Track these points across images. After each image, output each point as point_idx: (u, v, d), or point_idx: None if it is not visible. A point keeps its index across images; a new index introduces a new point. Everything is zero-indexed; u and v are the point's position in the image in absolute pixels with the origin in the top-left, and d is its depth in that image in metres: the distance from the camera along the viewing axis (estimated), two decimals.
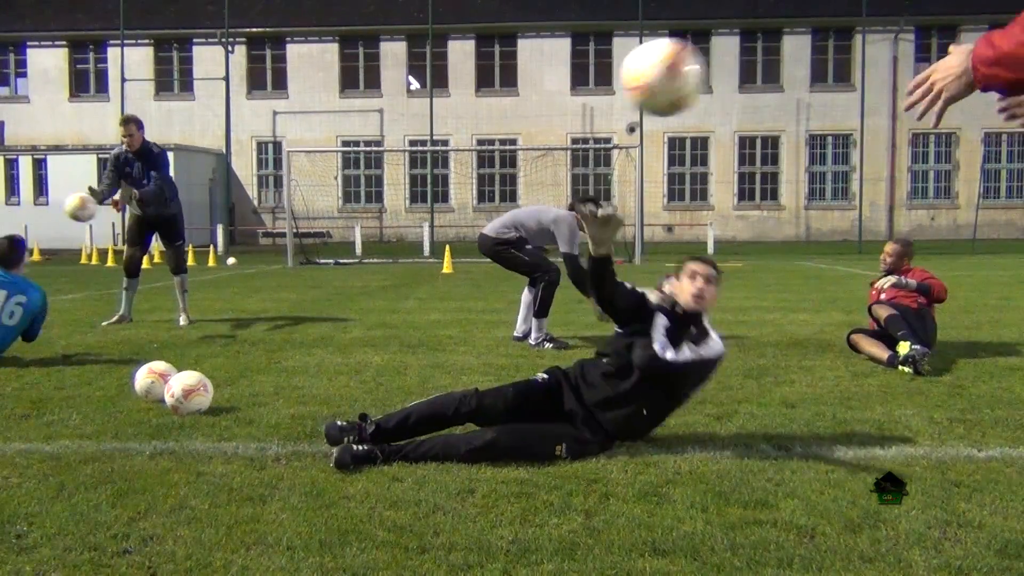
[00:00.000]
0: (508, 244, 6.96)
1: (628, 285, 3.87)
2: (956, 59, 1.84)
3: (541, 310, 6.87)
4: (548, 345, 6.74)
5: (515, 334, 7.13)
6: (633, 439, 3.75)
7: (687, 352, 3.63)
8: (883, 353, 5.77)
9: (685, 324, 3.72)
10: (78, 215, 7.65)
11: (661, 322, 3.70)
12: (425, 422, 3.67)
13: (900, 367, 5.52)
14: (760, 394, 4.88)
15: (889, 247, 6.52)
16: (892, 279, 6.18)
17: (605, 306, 3.90)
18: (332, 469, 3.41)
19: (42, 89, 33.24)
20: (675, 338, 3.66)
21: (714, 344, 3.70)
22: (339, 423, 3.66)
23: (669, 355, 3.61)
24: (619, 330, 3.89)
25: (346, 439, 3.54)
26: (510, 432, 3.52)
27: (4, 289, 6.02)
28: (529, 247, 7.01)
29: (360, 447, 3.45)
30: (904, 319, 5.89)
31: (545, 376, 3.84)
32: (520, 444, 3.49)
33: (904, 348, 5.58)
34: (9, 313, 6.01)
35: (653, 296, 3.85)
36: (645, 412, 3.70)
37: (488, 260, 7.23)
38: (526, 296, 7.10)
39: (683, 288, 3.76)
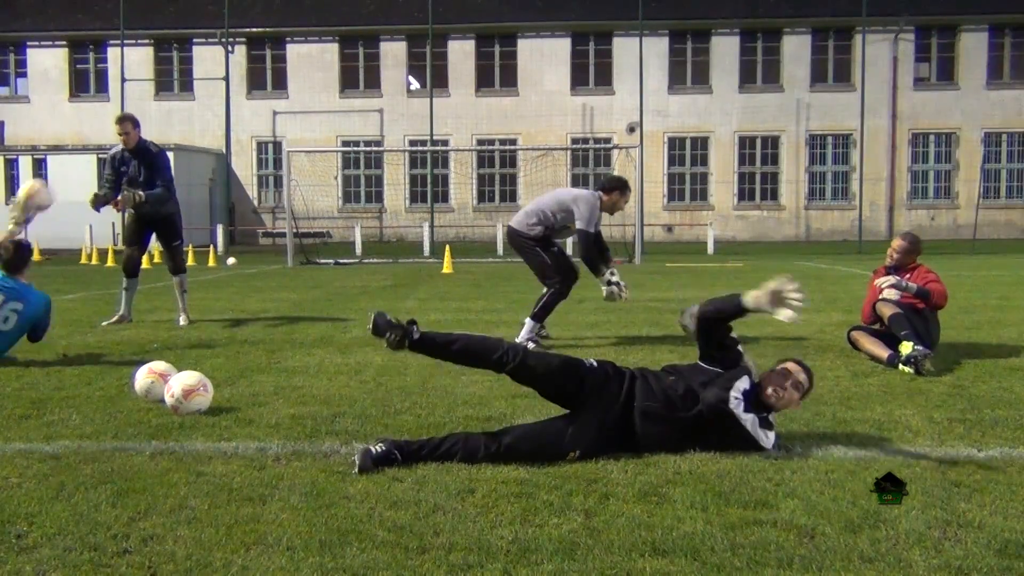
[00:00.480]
0: (534, 241, 6.93)
1: (739, 346, 3.93)
2: None
3: (540, 313, 6.84)
4: (531, 346, 6.55)
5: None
6: (638, 451, 3.74)
7: (749, 421, 3.62)
8: (883, 352, 5.77)
9: (760, 403, 3.70)
10: (29, 204, 6.80)
11: (744, 383, 3.69)
12: (468, 353, 3.72)
13: (901, 367, 5.52)
14: None
15: (896, 243, 6.41)
16: (892, 279, 6.15)
17: (706, 340, 3.92)
18: (334, 469, 3.41)
19: (42, 89, 33.23)
20: (747, 404, 3.65)
21: (770, 438, 3.66)
22: (389, 317, 3.65)
23: (739, 413, 3.61)
24: (701, 363, 3.90)
25: (390, 335, 3.56)
26: (529, 436, 3.52)
27: (1, 293, 6.00)
28: (555, 249, 7.02)
29: (379, 448, 3.42)
30: (907, 319, 5.88)
31: (594, 364, 3.78)
32: (537, 450, 3.48)
33: (907, 348, 5.58)
34: (3, 318, 5.98)
35: (749, 360, 3.88)
36: (676, 440, 3.66)
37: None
38: None
39: (771, 380, 3.72)
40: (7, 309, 5.99)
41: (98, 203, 7.91)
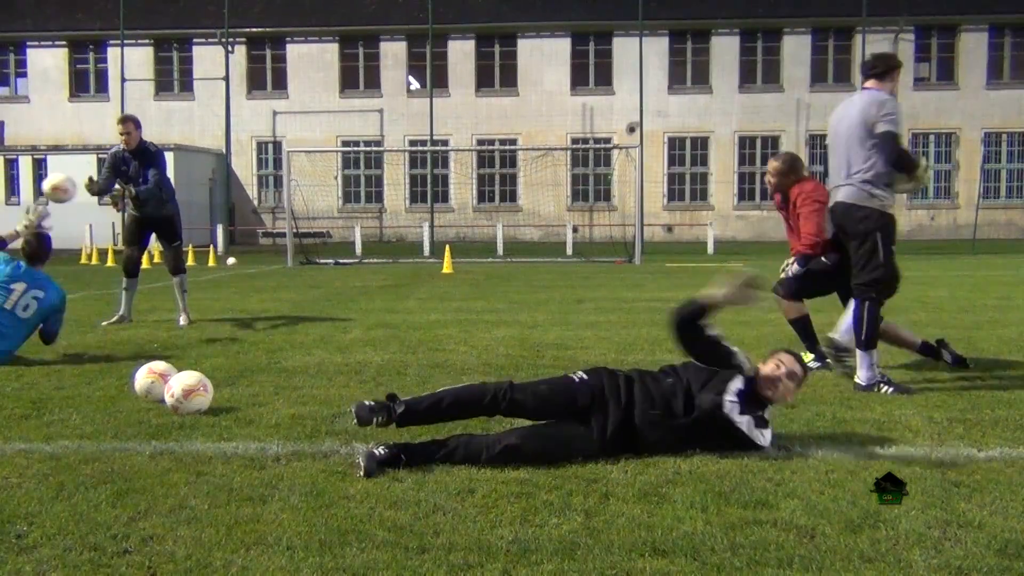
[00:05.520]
0: (874, 227, 5.01)
1: (725, 342, 3.91)
2: None
3: (869, 340, 5.02)
4: (887, 389, 4.92)
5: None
6: (638, 452, 3.74)
7: (744, 424, 3.61)
8: (914, 339, 5.58)
9: (755, 401, 3.69)
10: (58, 196, 7.17)
11: (737, 383, 3.68)
12: (457, 407, 3.64)
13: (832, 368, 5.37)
14: None
15: (771, 164, 5.83)
16: (793, 266, 5.67)
17: (688, 348, 3.92)
18: (334, 469, 3.41)
19: (42, 89, 33.24)
20: (743, 405, 3.64)
21: (766, 436, 3.65)
22: (368, 403, 3.60)
23: (734, 416, 3.59)
24: (696, 362, 3.89)
25: (376, 419, 3.51)
26: (532, 437, 3.51)
27: (23, 281, 6.09)
28: (893, 246, 5.14)
29: (382, 450, 3.40)
30: (803, 324, 5.71)
31: (584, 376, 3.74)
32: (541, 451, 3.47)
33: (807, 358, 5.41)
34: (24, 306, 6.06)
35: (742, 357, 3.86)
36: (676, 443, 3.65)
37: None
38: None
39: (765, 371, 3.74)
40: (28, 296, 6.07)
41: (93, 189, 8.04)
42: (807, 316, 5.82)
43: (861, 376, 5.02)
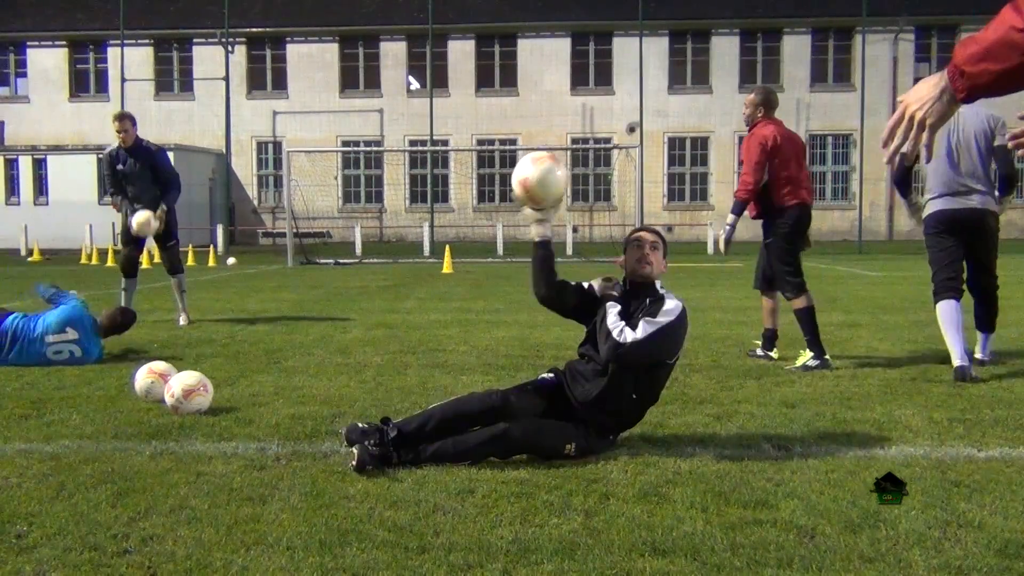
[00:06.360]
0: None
1: (573, 283, 3.88)
2: (926, 85, 1.81)
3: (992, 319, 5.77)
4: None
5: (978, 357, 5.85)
6: (632, 425, 3.77)
7: (646, 327, 3.56)
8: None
9: (638, 296, 3.72)
10: (144, 231, 7.91)
11: (613, 309, 3.67)
12: (447, 423, 3.58)
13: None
14: (760, 394, 4.88)
15: (748, 98, 6.15)
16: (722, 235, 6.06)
17: (551, 306, 3.93)
18: (334, 469, 3.41)
19: (42, 89, 33.24)
20: (630, 316, 3.64)
21: (671, 305, 3.63)
22: (361, 425, 3.60)
23: (629, 337, 3.54)
24: (587, 328, 3.87)
25: (366, 442, 3.43)
26: (522, 424, 3.51)
27: (77, 330, 5.99)
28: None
29: (375, 447, 3.40)
30: (808, 317, 5.81)
31: (551, 375, 3.83)
32: (532, 437, 3.48)
33: (805, 356, 5.68)
34: (57, 351, 5.93)
35: (597, 284, 3.84)
36: (635, 397, 3.67)
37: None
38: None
39: (628, 259, 3.77)
40: (73, 345, 5.97)
41: (121, 208, 8.28)
42: (809, 308, 5.83)
43: (986, 355, 5.73)
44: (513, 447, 3.46)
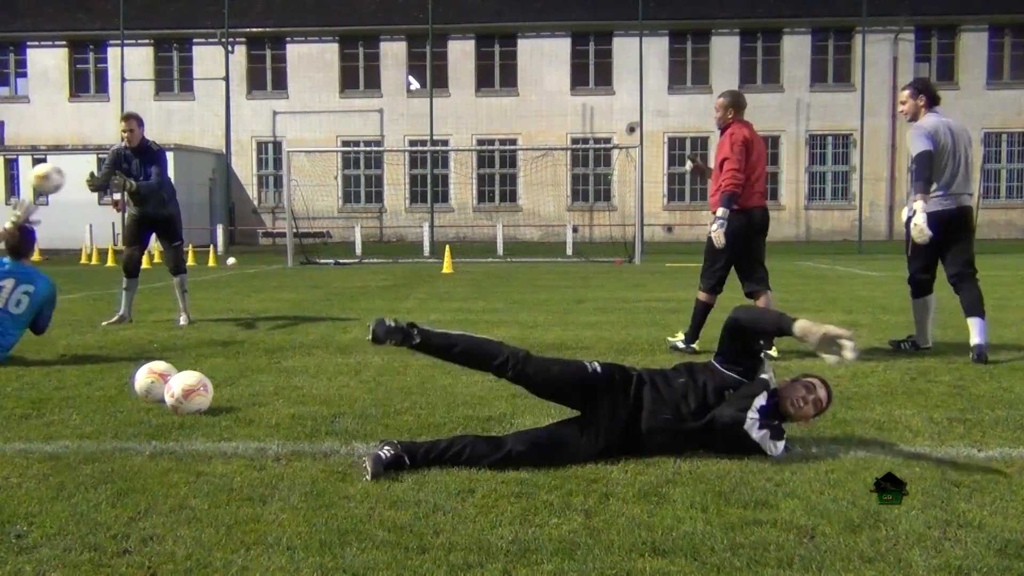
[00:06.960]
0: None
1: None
2: None
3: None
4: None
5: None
6: (641, 453, 3.70)
7: (760, 437, 3.56)
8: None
9: (775, 415, 3.64)
10: (42, 186, 7.30)
11: (762, 399, 3.61)
12: (467, 358, 3.72)
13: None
14: None
15: (717, 101, 6.34)
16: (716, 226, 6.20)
17: (732, 344, 3.79)
18: (334, 469, 3.41)
19: (42, 89, 33.23)
20: (762, 420, 3.59)
21: (779, 448, 3.59)
22: (388, 322, 3.64)
23: (752, 432, 3.54)
24: (717, 362, 3.78)
25: (390, 341, 3.58)
26: (533, 447, 3.46)
27: (12, 277, 6.11)
28: None
29: (387, 452, 3.37)
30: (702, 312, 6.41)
31: (599, 370, 3.69)
32: (540, 458, 3.44)
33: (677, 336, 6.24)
34: (16, 301, 6.08)
35: (769, 369, 3.78)
36: (680, 445, 3.62)
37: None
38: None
39: (791, 391, 3.66)
40: (19, 292, 6.10)
41: (94, 184, 8.13)
42: (707, 306, 6.35)
43: (983, 342, 5.90)
44: (522, 465, 3.42)
